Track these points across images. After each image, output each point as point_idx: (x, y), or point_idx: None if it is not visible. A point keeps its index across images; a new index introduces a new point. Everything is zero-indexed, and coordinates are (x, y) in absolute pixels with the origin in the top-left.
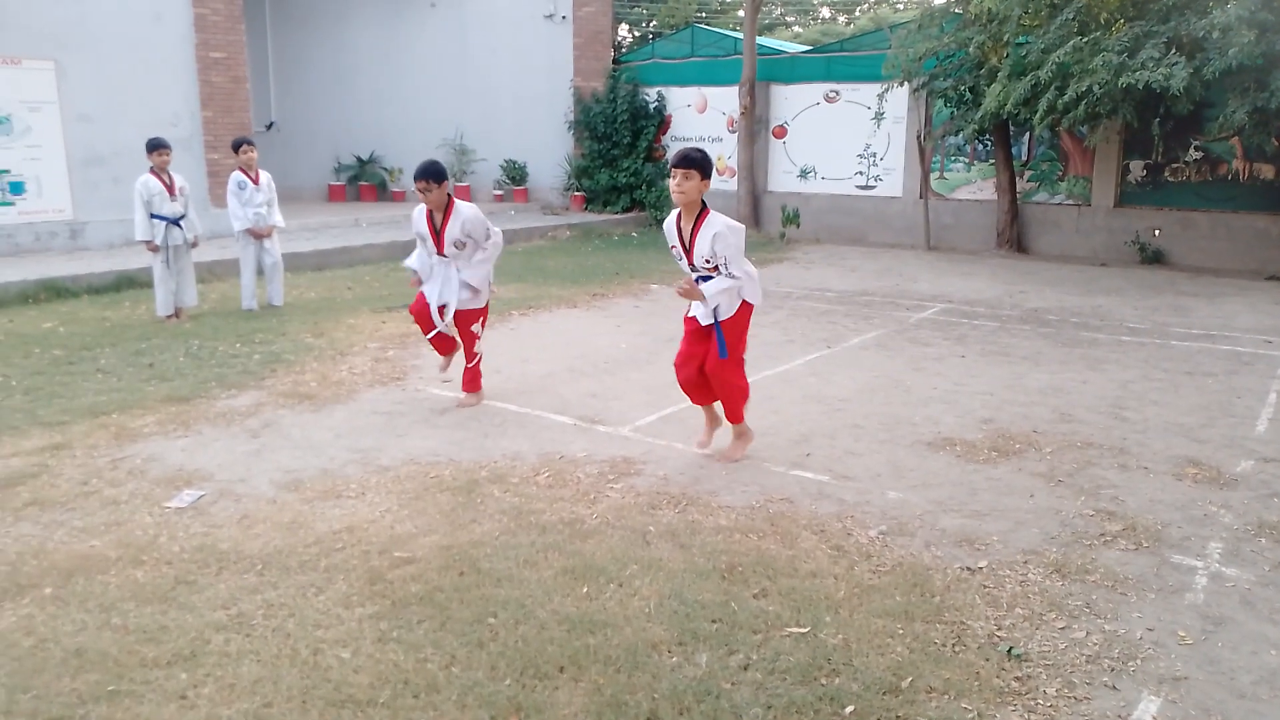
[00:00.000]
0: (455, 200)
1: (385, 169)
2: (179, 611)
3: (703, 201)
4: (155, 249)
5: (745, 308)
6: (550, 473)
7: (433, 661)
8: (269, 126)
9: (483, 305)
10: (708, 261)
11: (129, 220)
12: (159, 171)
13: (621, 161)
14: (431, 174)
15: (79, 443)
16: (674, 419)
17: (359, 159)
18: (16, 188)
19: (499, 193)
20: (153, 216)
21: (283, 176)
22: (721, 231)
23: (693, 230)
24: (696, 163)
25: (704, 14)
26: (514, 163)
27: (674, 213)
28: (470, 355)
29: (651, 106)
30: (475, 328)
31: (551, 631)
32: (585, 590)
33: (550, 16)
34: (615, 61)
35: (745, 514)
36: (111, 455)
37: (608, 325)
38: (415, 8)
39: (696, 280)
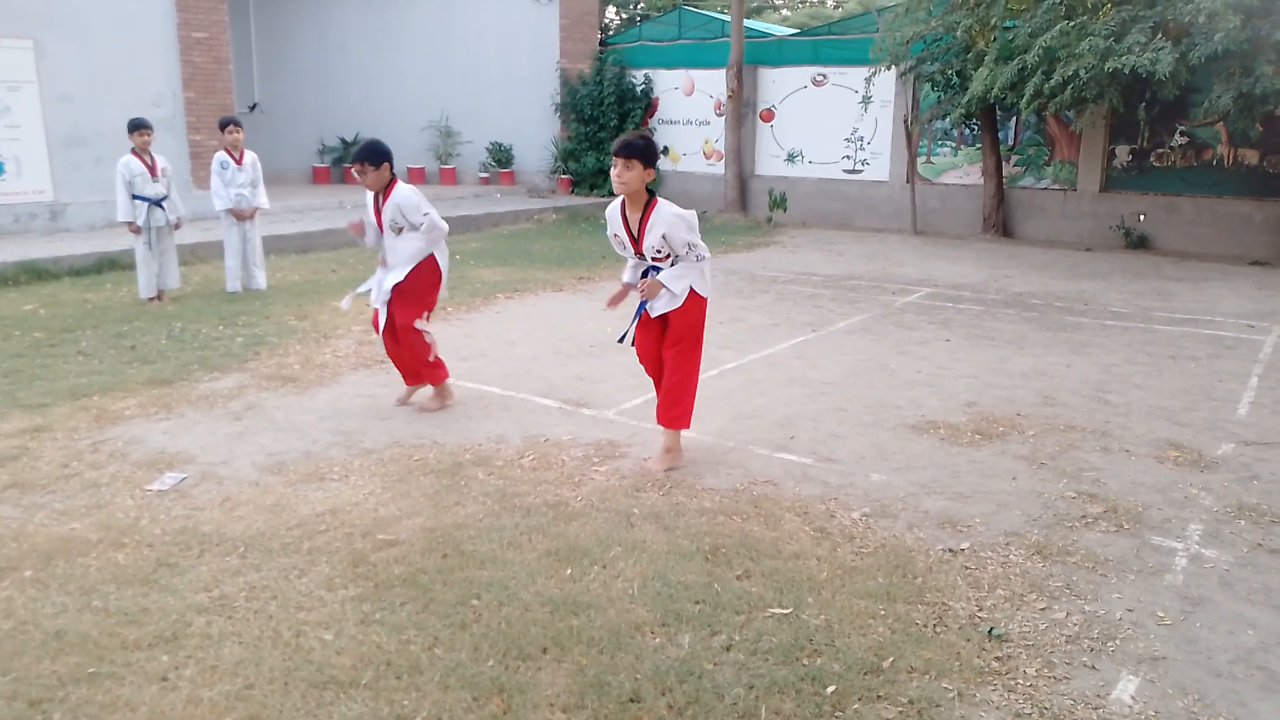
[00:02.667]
0: (397, 182)
1: None
2: (160, 594)
3: (649, 190)
4: (137, 230)
5: (696, 300)
6: (535, 455)
7: (415, 643)
8: (252, 108)
9: (423, 301)
10: (659, 251)
11: (111, 201)
12: (141, 152)
13: (608, 144)
14: (366, 155)
15: (60, 425)
16: None
17: (343, 140)
18: None
19: (485, 175)
20: (135, 198)
21: (267, 158)
22: (671, 226)
23: (641, 220)
24: (638, 150)
25: None
26: (500, 145)
27: (618, 200)
28: (424, 352)
29: (639, 89)
30: (419, 323)
31: (535, 613)
32: (569, 572)
33: None
34: (602, 44)
35: (729, 496)
36: (92, 438)
37: (593, 308)
38: None
39: (646, 271)
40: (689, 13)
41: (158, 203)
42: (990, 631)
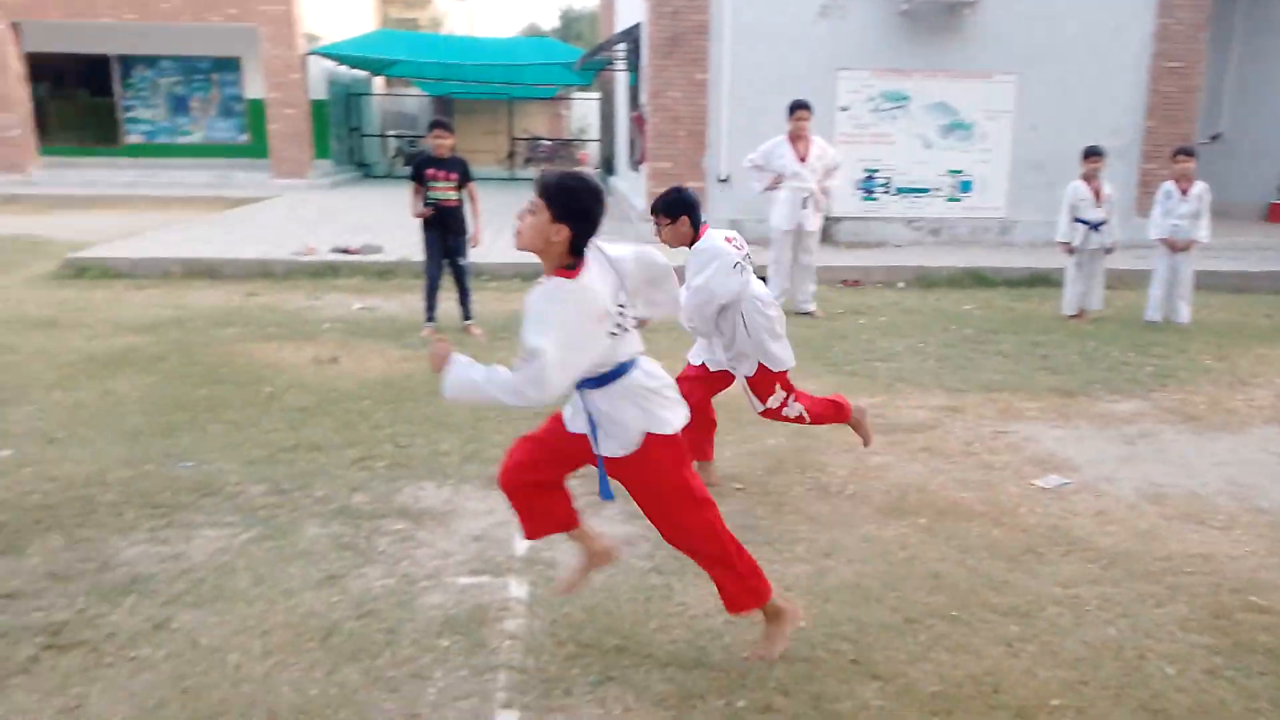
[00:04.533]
0: (706, 229)
1: None
2: (1022, 575)
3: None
4: (1071, 251)
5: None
6: None
7: (1265, 715)
8: (1214, 138)
9: (759, 373)
10: None
11: (1052, 222)
12: (1089, 178)
13: None
14: (661, 207)
15: (970, 410)
16: None
17: None
18: (965, 186)
19: None
20: (1076, 220)
21: (1218, 190)
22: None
23: None
24: (547, 192)
25: None
26: None
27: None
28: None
29: None
30: (772, 402)
31: None
32: None
33: None
34: None
35: None
36: (994, 427)
37: None
38: None
39: None
40: None
41: (1095, 226)
42: None
